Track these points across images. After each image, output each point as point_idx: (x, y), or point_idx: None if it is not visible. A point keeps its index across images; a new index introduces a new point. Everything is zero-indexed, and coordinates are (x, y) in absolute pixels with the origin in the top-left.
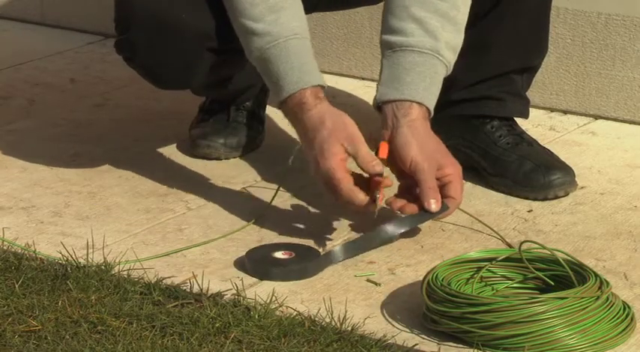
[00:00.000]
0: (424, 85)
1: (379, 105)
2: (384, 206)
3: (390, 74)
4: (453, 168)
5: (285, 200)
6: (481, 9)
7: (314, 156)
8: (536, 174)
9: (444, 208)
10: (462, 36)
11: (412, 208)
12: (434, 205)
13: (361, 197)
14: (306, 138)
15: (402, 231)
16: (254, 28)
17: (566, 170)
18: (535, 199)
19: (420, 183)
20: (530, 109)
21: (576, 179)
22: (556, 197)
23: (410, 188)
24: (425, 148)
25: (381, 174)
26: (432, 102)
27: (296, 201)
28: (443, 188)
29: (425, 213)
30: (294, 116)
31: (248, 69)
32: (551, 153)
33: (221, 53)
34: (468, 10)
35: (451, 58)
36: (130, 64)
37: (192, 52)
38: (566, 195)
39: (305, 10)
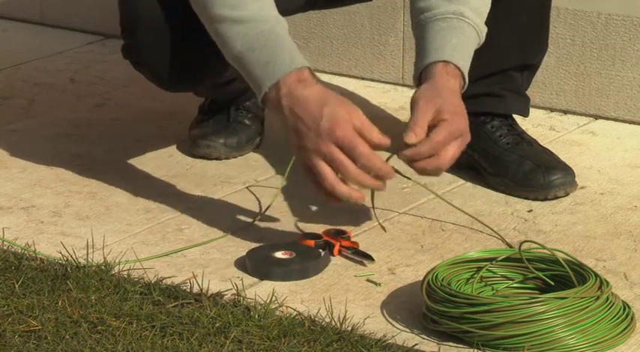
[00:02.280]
0: (450, 45)
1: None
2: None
3: (420, 48)
4: (449, 115)
5: (285, 199)
6: None
7: (324, 126)
8: (536, 174)
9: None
10: (489, 3)
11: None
12: (411, 137)
13: (381, 162)
14: (309, 110)
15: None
16: (237, 15)
17: (566, 170)
18: (535, 199)
19: (410, 119)
20: (530, 109)
21: (576, 179)
22: (556, 197)
23: None
24: (430, 90)
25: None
26: (460, 62)
27: (297, 201)
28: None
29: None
30: (289, 94)
31: None
32: (551, 153)
33: None
34: None
35: (478, 21)
36: (138, 68)
37: (199, 55)
38: (566, 195)
39: (303, 8)
